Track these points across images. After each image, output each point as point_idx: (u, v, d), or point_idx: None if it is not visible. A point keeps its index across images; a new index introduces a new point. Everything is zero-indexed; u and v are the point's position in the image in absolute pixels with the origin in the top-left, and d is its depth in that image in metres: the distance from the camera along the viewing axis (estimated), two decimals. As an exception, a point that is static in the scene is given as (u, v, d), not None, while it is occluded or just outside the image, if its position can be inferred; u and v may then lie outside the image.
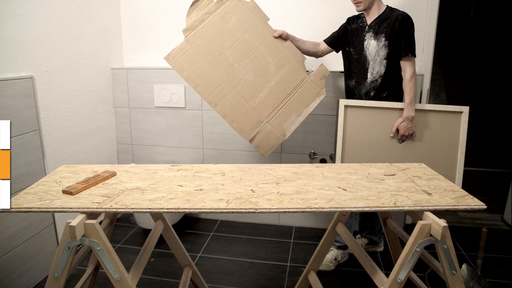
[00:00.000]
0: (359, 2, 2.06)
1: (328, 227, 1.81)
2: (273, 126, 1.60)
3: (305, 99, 1.76)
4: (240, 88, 1.61)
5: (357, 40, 2.14)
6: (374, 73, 2.10)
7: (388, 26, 2.03)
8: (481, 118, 4.13)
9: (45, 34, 2.12)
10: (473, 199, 1.30)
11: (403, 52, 2.03)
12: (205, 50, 1.62)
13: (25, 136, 1.99)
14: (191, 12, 1.63)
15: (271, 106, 1.65)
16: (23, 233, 2.00)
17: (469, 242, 2.60)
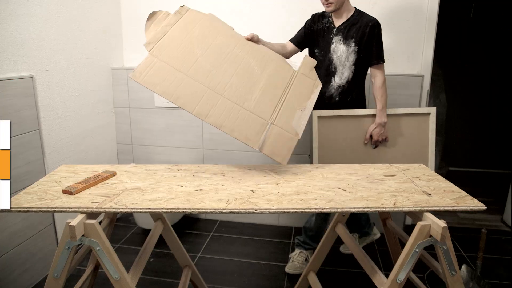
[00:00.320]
0: (330, 2, 1.98)
1: (328, 228, 1.81)
2: (280, 126, 1.45)
3: (303, 92, 1.62)
4: (228, 93, 1.44)
5: (324, 41, 2.10)
6: (342, 78, 2.08)
7: (358, 31, 2.01)
8: (481, 119, 4.13)
9: (46, 33, 2.12)
10: (473, 200, 1.30)
11: (375, 59, 2.04)
12: (176, 61, 1.44)
13: (25, 135, 2.00)
14: (149, 26, 1.49)
15: (270, 106, 1.50)
16: (23, 233, 2.00)
17: (469, 243, 2.60)
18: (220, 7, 2.67)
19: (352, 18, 2.05)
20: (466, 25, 3.91)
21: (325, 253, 1.87)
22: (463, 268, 2.12)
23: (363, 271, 1.59)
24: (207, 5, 2.69)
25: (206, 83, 1.42)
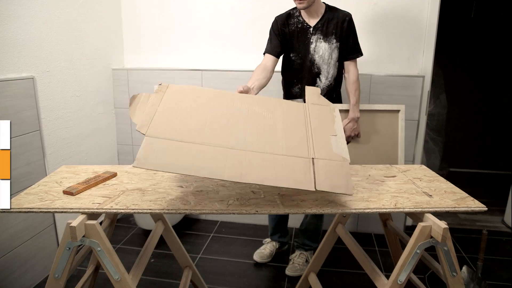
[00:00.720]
0: (302, 0, 1.88)
1: (329, 229, 1.81)
2: (324, 157, 1.26)
3: (324, 120, 1.44)
4: (251, 146, 1.25)
5: (300, 43, 2.01)
6: (329, 77, 2.04)
7: (337, 27, 1.98)
8: (481, 120, 4.13)
9: (46, 34, 2.12)
10: (474, 201, 1.29)
11: (354, 53, 2.03)
12: (179, 134, 1.24)
13: (26, 136, 2.00)
14: (134, 110, 1.31)
15: (301, 143, 1.30)
16: (24, 234, 2.00)
17: (470, 244, 2.60)
18: (220, 7, 2.67)
19: (326, 14, 1.99)
20: (467, 26, 3.91)
21: (326, 254, 1.86)
22: (464, 269, 2.12)
23: (363, 272, 1.59)
24: (207, 5, 2.70)
25: (223, 144, 1.24)
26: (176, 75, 2.75)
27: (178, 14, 2.75)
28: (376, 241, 2.67)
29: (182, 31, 2.77)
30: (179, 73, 2.74)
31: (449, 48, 3.87)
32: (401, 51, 2.55)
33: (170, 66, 2.83)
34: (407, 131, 2.55)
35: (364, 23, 2.53)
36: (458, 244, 2.58)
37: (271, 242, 2.45)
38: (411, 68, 2.57)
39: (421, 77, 2.50)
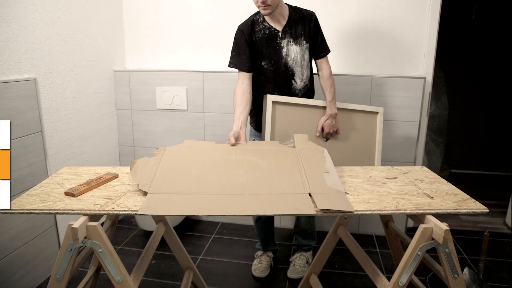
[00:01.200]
0: (267, 5, 1.79)
1: (330, 230, 1.81)
2: (320, 192, 1.32)
3: (316, 161, 1.54)
4: (249, 190, 1.33)
5: (270, 49, 1.95)
6: (304, 78, 2.01)
7: (305, 27, 1.95)
8: (483, 121, 4.13)
9: (49, 36, 2.13)
10: (475, 202, 1.29)
11: (323, 51, 2.01)
12: (180, 188, 1.33)
13: (28, 137, 2.00)
14: (135, 172, 1.40)
15: (297, 182, 1.35)
16: (25, 235, 2.01)
17: (471, 246, 2.60)
18: (221, 9, 2.68)
19: (292, 16, 1.94)
20: (468, 27, 3.91)
21: (327, 255, 1.87)
22: (465, 271, 2.12)
23: (365, 273, 1.59)
24: (208, 6, 2.71)
25: (222, 191, 1.32)
26: (177, 76, 2.76)
27: (179, 16, 2.76)
28: (378, 243, 2.67)
29: (183, 32, 2.78)
30: (180, 74, 2.75)
31: (450, 49, 3.87)
32: (402, 53, 2.55)
33: (172, 68, 2.84)
34: (408, 132, 2.57)
35: (365, 24, 2.54)
36: (459, 246, 2.58)
37: (265, 254, 2.38)
38: (412, 70, 2.57)
39: (422, 78, 2.50)
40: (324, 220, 2.80)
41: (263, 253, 2.38)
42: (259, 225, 2.31)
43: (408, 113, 2.54)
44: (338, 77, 2.55)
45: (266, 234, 2.35)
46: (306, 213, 1.21)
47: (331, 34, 2.58)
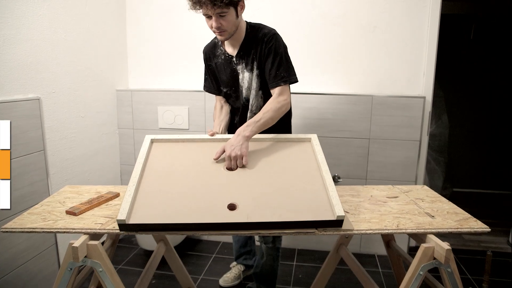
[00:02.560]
0: (222, 30, 1.58)
1: (331, 250, 1.80)
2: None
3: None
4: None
5: (228, 76, 1.77)
6: (253, 109, 1.78)
7: (256, 50, 1.68)
8: (484, 139, 4.13)
9: (54, 57, 2.17)
10: (477, 221, 1.29)
11: (274, 80, 1.66)
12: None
13: (31, 156, 2.01)
14: None
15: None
16: (25, 254, 2.00)
17: (474, 266, 2.56)
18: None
19: (246, 38, 1.70)
20: (466, 47, 3.96)
21: (329, 276, 1.85)
22: (469, 291, 2.09)
23: (367, 294, 1.57)
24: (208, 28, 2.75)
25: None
26: (179, 96, 2.79)
27: (181, 37, 2.80)
28: (380, 263, 2.64)
29: (185, 53, 2.82)
30: (182, 94, 2.78)
31: (449, 69, 3.91)
32: (402, 72, 2.58)
33: (174, 87, 2.87)
34: (409, 151, 2.57)
35: (365, 45, 2.57)
36: (462, 265, 2.55)
37: (237, 266, 2.40)
38: (412, 89, 2.59)
39: (422, 98, 2.52)
40: (325, 239, 2.78)
41: (236, 265, 2.41)
42: (234, 236, 2.34)
43: (408, 132, 2.56)
44: (339, 97, 2.57)
45: (239, 244, 2.36)
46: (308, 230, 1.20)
47: (331, 55, 2.62)
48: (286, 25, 2.61)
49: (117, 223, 1.17)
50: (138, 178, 1.36)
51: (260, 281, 2.12)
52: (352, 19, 2.56)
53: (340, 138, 2.62)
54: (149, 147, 1.55)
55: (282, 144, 1.60)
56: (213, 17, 1.55)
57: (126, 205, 1.21)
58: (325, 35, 2.61)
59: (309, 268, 2.56)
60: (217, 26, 1.56)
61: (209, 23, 1.59)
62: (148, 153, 1.52)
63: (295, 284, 2.37)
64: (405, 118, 2.54)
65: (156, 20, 2.83)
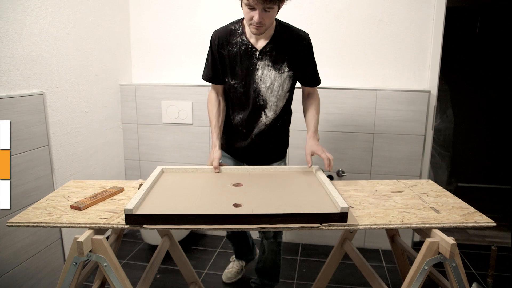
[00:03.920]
0: (262, 25, 1.50)
1: (335, 244, 1.80)
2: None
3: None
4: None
5: (243, 69, 1.66)
6: (278, 111, 1.73)
7: (290, 51, 1.63)
8: (489, 134, 4.11)
9: (57, 52, 2.17)
10: (482, 216, 1.28)
11: (315, 81, 1.75)
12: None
13: (35, 151, 2.02)
14: None
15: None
16: (30, 249, 2.01)
17: (479, 260, 2.56)
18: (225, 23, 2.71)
19: (277, 34, 1.63)
20: (472, 41, 3.93)
21: (333, 270, 1.85)
22: (473, 286, 2.08)
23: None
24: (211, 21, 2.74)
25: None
26: (183, 90, 2.78)
27: (185, 32, 2.80)
28: (384, 257, 2.64)
29: (189, 47, 2.81)
30: (185, 88, 2.78)
31: (454, 63, 3.88)
32: (407, 66, 2.57)
33: (177, 82, 2.87)
34: (413, 145, 2.56)
35: (370, 39, 2.55)
36: (467, 260, 2.54)
37: (237, 261, 2.39)
38: (417, 83, 2.58)
39: (427, 92, 2.50)
40: (329, 234, 2.77)
41: (236, 260, 2.40)
42: (231, 241, 2.30)
43: (413, 126, 2.54)
44: (343, 91, 2.56)
45: (238, 243, 2.29)
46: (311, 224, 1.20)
47: (337, 49, 2.60)
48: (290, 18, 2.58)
49: (124, 214, 1.18)
50: (154, 179, 1.48)
51: (263, 276, 2.14)
52: (357, 12, 2.54)
53: (344, 133, 2.61)
54: (159, 174, 1.60)
55: (284, 170, 1.69)
56: (258, 11, 1.45)
57: (137, 197, 1.26)
58: (329, 29, 2.59)
59: (313, 263, 2.56)
60: (259, 21, 1.48)
61: (250, 14, 1.49)
62: (160, 176, 1.59)
63: (299, 279, 2.37)
64: (410, 113, 2.53)
65: (159, 14, 2.82)
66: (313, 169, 1.65)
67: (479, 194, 4.01)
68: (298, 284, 2.32)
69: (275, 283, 2.16)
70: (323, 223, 1.20)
